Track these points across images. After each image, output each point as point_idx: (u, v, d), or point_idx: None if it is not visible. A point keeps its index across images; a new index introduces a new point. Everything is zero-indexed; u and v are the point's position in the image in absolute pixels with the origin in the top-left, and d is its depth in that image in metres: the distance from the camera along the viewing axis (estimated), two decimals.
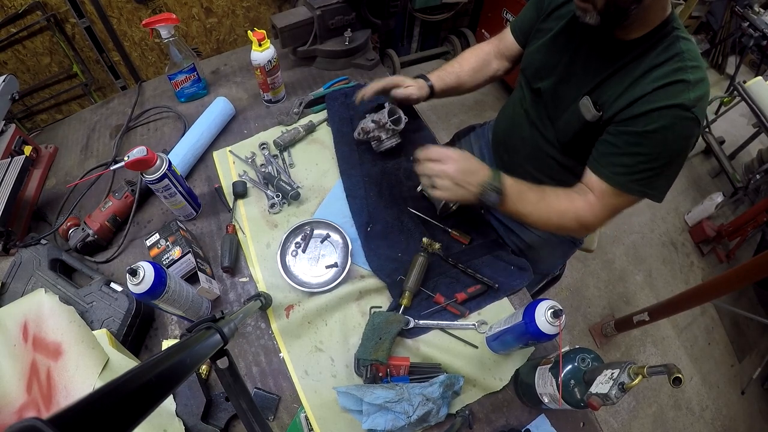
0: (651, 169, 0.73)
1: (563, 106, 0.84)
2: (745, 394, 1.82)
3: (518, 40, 1.00)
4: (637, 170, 0.73)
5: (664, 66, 0.69)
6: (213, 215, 0.95)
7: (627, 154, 0.73)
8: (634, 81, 0.72)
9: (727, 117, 2.56)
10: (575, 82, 0.81)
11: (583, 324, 1.91)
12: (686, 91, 0.67)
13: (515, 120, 1.00)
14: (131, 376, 0.27)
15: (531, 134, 0.95)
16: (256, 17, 1.96)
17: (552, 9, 0.87)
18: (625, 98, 0.72)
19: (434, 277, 0.85)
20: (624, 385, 0.50)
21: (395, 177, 1.00)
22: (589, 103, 0.77)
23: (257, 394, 0.73)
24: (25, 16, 1.55)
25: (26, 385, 0.64)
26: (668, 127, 0.68)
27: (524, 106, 0.96)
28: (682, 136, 0.70)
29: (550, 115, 0.89)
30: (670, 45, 0.70)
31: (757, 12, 2.53)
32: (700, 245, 2.27)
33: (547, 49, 0.87)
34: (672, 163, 0.73)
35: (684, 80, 0.67)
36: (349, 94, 1.13)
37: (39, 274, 0.79)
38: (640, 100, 0.70)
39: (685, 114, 0.67)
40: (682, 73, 0.68)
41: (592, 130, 0.79)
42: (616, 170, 0.75)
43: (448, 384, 0.70)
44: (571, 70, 0.82)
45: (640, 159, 0.72)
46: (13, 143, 1.00)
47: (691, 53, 0.69)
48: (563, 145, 0.88)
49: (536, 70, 0.91)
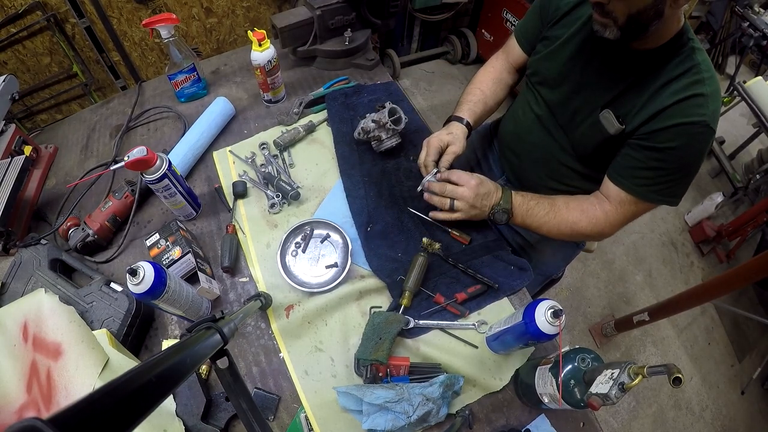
0: (671, 180, 0.75)
1: (579, 117, 0.84)
2: (745, 394, 1.82)
3: (525, 49, 1.00)
4: (658, 182, 0.75)
5: (681, 79, 0.70)
6: (213, 215, 0.95)
7: (649, 168, 0.75)
8: (653, 94, 0.73)
9: (727, 117, 2.56)
10: (589, 93, 0.81)
11: (583, 324, 1.91)
12: (704, 105, 0.68)
13: (524, 124, 0.99)
14: (131, 376, 0.27)
15: (542, 141, 0.94)
16: (256, 17, 1.96)
17: (560, 16, 0.86)
18: (646, 111, 0.73)
19: (434, 277, 0.85)
20: (624, 385, 0.50)
21: (395, 177, 1.00)
22: (612, 117, 0.77)
23: (257, 394, 0.73)
24: (25, 16, 1.55)
25: (26, 385, 0.64)
26: (689, 143, 0.70)
27: (535, 111, 0.95)
28: (701, 150, 0.72)
29: (564, 125, 0.89)
30: (687, 57, 0.71)
31: (757, 12, 2.54)
32: (700, 245, 2.27)
33: (557, 57, 0.86)
34: (690, 173, 0.75)
35: (702, 94, 0.68)
36: (349, 94, 1.13)
37: (39, 274, 0.79)
38: (661, 114, 0.71)
39: (704, 130, 0.69)
40: (700, 86, 0.69)
41: (614, 142, 0.80)
42: (637, 182, 0.77)
43: (448, 384, 0.70)
44: (584, 81, 0.82)
45: (661, 173, 0.74)
46: (13, 143, 1.00)
47: (706, 64, 0.71)
48: (581, 156, 0.88)
49: (545, 79, 0.90)
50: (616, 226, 0.83)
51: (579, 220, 0.83)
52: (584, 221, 0.83)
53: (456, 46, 2.76)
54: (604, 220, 0.82)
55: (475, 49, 2.72)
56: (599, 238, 0.88)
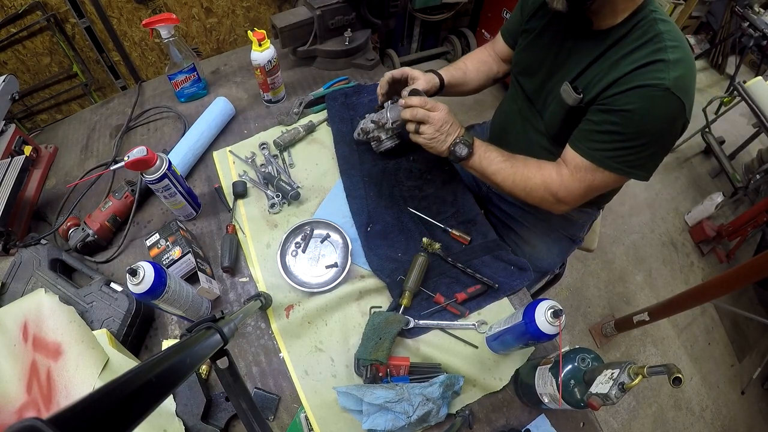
0: (629, 147, 0.73)
1: (550, 98, 0.86)
2: (745, 394, 1.82)
3: (508, 42, 1.04)
4: (613, 147, 0.74)
5: (642, 48, 0.70)
6: (213, 215, 0.95)
7: (603, 132, 0.74)
8: (613, 64, 0.73)
9: (727, 117, 2.56)
10: (561, 75, 0.83)
11: (583, 324, 1.91)
12: (665, 70, 0.67)
13: (509, 117, 1.02)
14: (131, 376, 0.27)
15: (523, 128, 0.97)
16: (256, 17, 1.96)
17: (535, 9, 0.89)
18: (605, 81, 0.73)
19: (434, 277, 0.85)
20: (624, 385, 0.50)
21: (395, 177, 1.00)
22: (569, 87, 0.78)
23: (257, 394, 0.73)
24: (25, 16, 1.55)
25: (26, 385, 0.64)
26: (646, 107, 0.68)
27: (517, 103, 0.98)
28: (662, 116, 0.69)
29: (539, 108, 0.91)
30: (649, 28, 0.70)
31: (757, 12, 2.53)
32: (700, 245, 2.27)
33: (533, 47, 0.89)
34: (653, 143, 0.72)
35: (662, 60, 0.67)
36: (349, 94, 1.13)
37: (39, 274, 0.79)
38: (619, 80, 0.71)
39: (663, 93, 0.66)
40: (662, 53, 0.68)
41: (576, 114, 0.80)
42: (592, 146, 0.76)
43: (448, 384, 0.70)
44: (557, 65, 0.84)
45: (616, 137, 0.73)
46: (13, 143, 1.00)
47: (671, 33, 0.69)
48: (552, 136, 0.89)
49: (524, 68, 0.93)
50: (574, 193, 0.82)
51: (533, 176, 0.84)
52: (538, 177, 0.83)
53: (456, 46, 2.75)
54: (558, 182, 0.82)
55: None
56: (555, 205, 0.86)
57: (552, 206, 0.86)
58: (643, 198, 2.42)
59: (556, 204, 0.85)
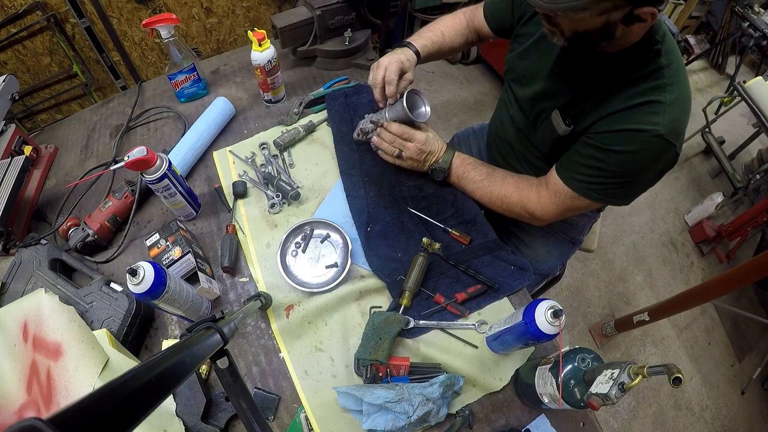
0: (613, 183, 0.73)
1: (542, 117, 0.85)
2: (745, 394, 1.82)
3: (488, 22, 1.01)
4: (597, 181, 0.74)
5: (640, 83, 0.67)
6: (213, 215, 0.95)
7: (589, 166, 0.73)
8: (606, 95, 0.70)
9: (727, 117, 2.56)
10: (553, 93, 0.81)
11: (583, 324, 1.91)
12: (659, 113, 0.65)
13: (503, 124, 1.02)
14: (131, 376, 0.27)
15: (518, 138, 0.97)
16: (256, 17, 1.96)
17: (532, 13, 0.86)
18: (597, 113, 0.71)
19: (434, 277, 0.85)
20: (624, 385, 0.50)
21: (395, 177, 0.99)
22: (559, 118, 0.77)
23: (257, 394, 0.73)
24: (25, 16, 1.55)
25: (26, 385, 0.64)
26: (636, 151, 0.67)
27: (510, 111, 0.97)
28: (650, 159, 0.69)
29: (531, 121, 0.90)
30: (651, 60, 0.67)
31: (757, 12, 2.54)
32: (700, 245, 2.27)
33: (528, 56, 0.87)
34: (638, 180, 0.72)
35: (658, 101, 0.65)
36: (349, 94, 1.13)
37: (39, 274, 0.79)
38: (611, 116, 0.69)
39: (655, 140, 0.65)
40: (659, 92, 0.65)
41: (567, 141, 0.79)
42: (575, 176, 0.76)
43: (448, 384, 0.70)
44: (551, 80, 0.81)
45: (601, 173, 0.72)
46: (13, 143, 1.00)
47: (672, 69, 0.66)
48: (545, 155, 0.90)
49: (517, 77, 0.91)
50: (550, 212, 0.83)
51: (510, 194, 0.87)
52: (515, 196, 0.87)
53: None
54: (536, 202, 0.84)
55: (475, 49, 2.72)
56: (532, 220, 0.88)
57: (529, 221, 0.89)
58: (643, 198, 2.40)
59: (533, 220, 0.88)
